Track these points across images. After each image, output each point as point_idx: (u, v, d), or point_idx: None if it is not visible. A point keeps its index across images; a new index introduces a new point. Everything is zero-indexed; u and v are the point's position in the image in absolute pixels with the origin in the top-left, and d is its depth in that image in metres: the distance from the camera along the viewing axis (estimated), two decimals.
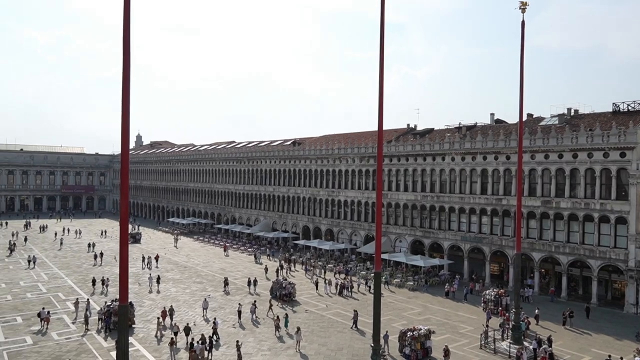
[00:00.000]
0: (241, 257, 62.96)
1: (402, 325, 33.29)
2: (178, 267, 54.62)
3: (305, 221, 68.79)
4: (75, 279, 47.25)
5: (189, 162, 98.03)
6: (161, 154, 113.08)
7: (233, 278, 49.31)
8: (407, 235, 54.99)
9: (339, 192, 63.59)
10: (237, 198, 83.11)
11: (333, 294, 43.54)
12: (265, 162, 76.77)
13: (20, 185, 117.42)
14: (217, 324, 31.44)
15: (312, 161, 68.01)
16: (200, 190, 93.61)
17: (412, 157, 54.97)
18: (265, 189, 76.47)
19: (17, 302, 38.84)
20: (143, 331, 32.26)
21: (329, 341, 30.91)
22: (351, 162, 62.17)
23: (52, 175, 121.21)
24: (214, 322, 31.78)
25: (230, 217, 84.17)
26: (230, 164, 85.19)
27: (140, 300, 39.59)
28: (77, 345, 29.44)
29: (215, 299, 41.11)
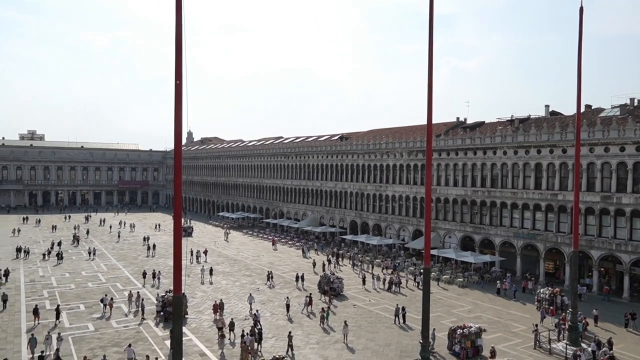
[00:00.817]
0: (289, 251, 63.71)
1: (452, 322, 32.70)
2: (228, 260, 55.94)
3: (352, 216, 68.72)
4: (132, 270, 49.30)
5: (238, 157, 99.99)
6: (211, 149, 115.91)
7: (281, 272, 50.00)
8: (456, 231, 53.88)
9: (387, 187, 63.07)
10: (285, 193, 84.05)
11: (381, 289, 43.33)
12: (313, 157, 77.17)
13: (81, 180, 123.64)
14: (259, 316, 32.17)
15: (359, 156, 67.78)
16: (249, 185, 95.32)
17: (462, 151, 53.72)
18: (313, 184, 76.91)
19: (80, 290, 41.00)
20: (195, 322, 33.28)
21: (376, 336, 30.80)
22: (399, 156, 61.47)
23: (110, 171, 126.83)
24: (255, 315, 32.58)
25: (279, 212, 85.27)
26: (278, 159, 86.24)
27: (193, 292, 40.83)
28: (135, 333, 30.76)
29: (264, 291, 41.85)
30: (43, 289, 41.31)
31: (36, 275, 46.45)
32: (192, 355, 27.24)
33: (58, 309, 33.15)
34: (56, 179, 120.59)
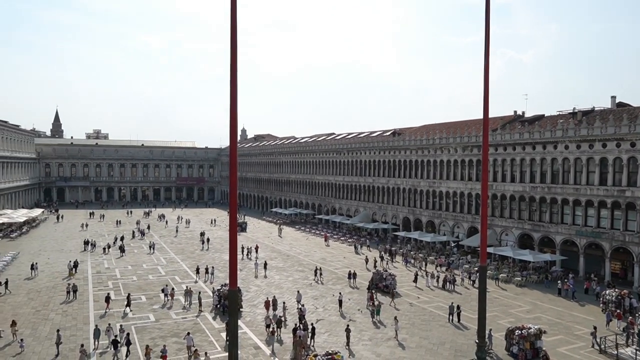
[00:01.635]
0: (341, 247, 63.81)
1: (509, 322, 31.68)
2: (281, 256, 56.75)
3: (405, 212, 67.89)
4: (189, 264, 51.01)
5: (290, 154, 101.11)
6: (264, 146, 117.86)
7: (333, 268, 50.18)
8: (514, 229, 52.05)
9: (441, 183, 61.81)
10: (337, 189, 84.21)
11: (435, 286, 42.60)
12: (365, 153, 76.82)
13: (142, 177, 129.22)
14: (304, 311, 32.65)
15: (412, 151, 66.80)
16: (301, 182, 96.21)
17: (520, 145, 51.76)
18: (365, 180, 76.59)
19: (141, 282, 42.89)
20: (250, 315, 34.02)
21: (430, 335, 30.33)
22: (453, 152, 60.08)
23: (168, 168, 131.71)
24: (300, 309, 32.93)
25: (331, 208, 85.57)
26: (330, 156, 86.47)
27: (247, 286, 41.73)
28: (192, 324, 31.84)
29: (317, 287, 42.16)
30: (108, 280, 43.56)
31: (102, 267, 49.03)
32: (247, 348, 27.86)
33: (129, 298, 35.46)
34: (119, 176, 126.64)
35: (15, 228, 71.58)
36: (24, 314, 33.36)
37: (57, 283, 42.16)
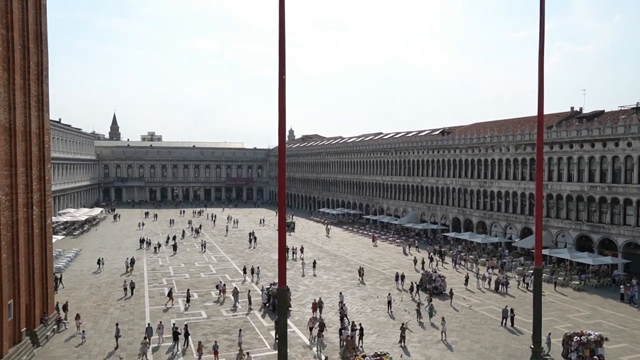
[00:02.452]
0: (389, 248, 63.24)
1: (567, 328, 30.36)
2: (329, 256, 56.87)
3: (455, 213, 66.44)
4: (239, 263, 52.01)
5: (337, 154, 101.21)
6: (312, 147, 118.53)
7: (381, 269, 49.81)
8: (571, 230, 49.83)
9: (492, 183, 60.06)
10: (385, 189, 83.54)
11: (486, 289, 41.44)
12: (413, 152, 75.78)
13: (193, 177, 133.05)
14: (345, 310, 32.64)
15: (462, 151, 65.30)
16: (348, 182, 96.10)
17: (578, 143, 49.50)
18: (413, 180, 75.55)
19: (194, 280, 44.14)
20: (298, 314, 34.28)
21: (482, 338, 29.52)
22: (505, 150, 58.23)
23: (218, 168, 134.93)
24: (341, 307, 32.95)
25: (378, 208, 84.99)
26: (377, 155, 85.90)
27: (296, 286, 42.08)
28: (242, 322, 32.45)
29: (365, 288, 41.97)
30: (162, 277, 45.11)
31: (156, 265, 50.84)
32: (296, 347, 28.09)
33: (188, 293, 37.15)
34: (172, 176, 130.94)
35: (78, 226, 75.42)
36: (86, 307, 35.09)
37: (116, 279, 44.07)
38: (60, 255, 52.38)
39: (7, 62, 26.43)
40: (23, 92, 28.64)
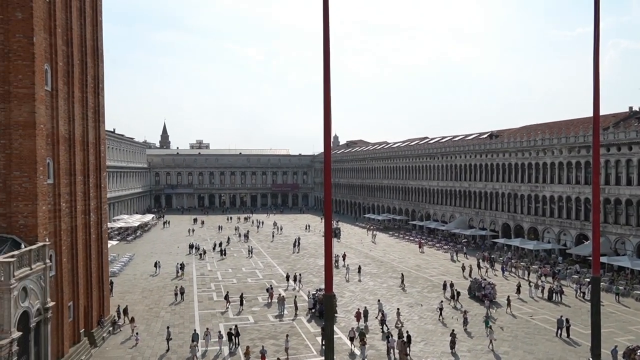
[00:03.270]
0: (436, 254, 62.07)
1: (629, 340, 28.77)
2: (375, 262, 56.42)
3: (504, 218, 64.47)
4: (285, 268, 52.41)
5: (382, 159, 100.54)
6: (356, 152, 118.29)
7: (428, 275, 48.95)
8: (631, 237, 47.26)
9: (544, 187, 57.91)
10: (431, 194, 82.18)
11: (539, 297, 39.90)
12: (460, 156, 74.23)
13: (240, 184, 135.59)
14: (385, 315, 32.45)
15: (511, 154, 63.37)
16: (394, 187, 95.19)
17: (638, 145, 47.00)
18: (461, 185, 73.95)
19: (241, 285, 44.83)
20: (345, 320, 34.15)
21: (535, 349, 28.40)
22: (557, 153, 56.05)
23: (264, 175, 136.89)
24: (382, 313, 32.74)
25: (425, 214, 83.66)
26: (423, 160, 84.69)
27: (341, 292, 41.96)
28: (289, 327, 32.65)
29: (411, 294, 41.34)
30: (210, 282, 46.10)
31: (205, 270, 52.02)
32: (342, 354, 27.98)
33: (242, 297, 38.21)
34: (219, 183, 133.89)
35: (131, 232, 78.34)
36: (139, 310, 36.31)
37: (167, 283, 45.40)
38: (115, 259, 54.51)
39: (67, 77, 27.90)
40: (81, 104, 30.13)
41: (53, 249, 25.16)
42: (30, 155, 23.06)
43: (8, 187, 22.90)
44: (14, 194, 22.86)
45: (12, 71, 22.90)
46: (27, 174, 22.98)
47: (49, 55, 25.33)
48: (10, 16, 22.91)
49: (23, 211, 22.92)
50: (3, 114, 22.91)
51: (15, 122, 22.93)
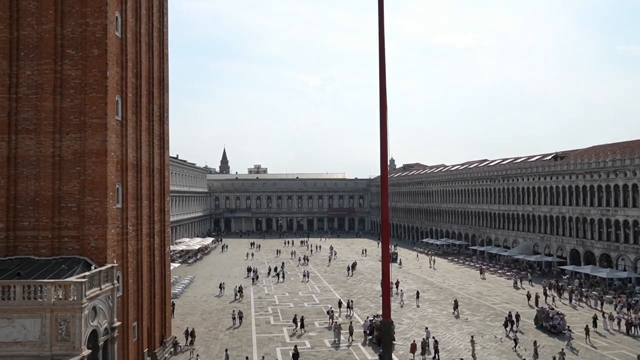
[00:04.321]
0: (499, 280, 59.51)
1: None
2: (434, 288, 54.84)
3: (573, 244, 61.00)
4: (342, 293, 51.95)
5: (440, 182, 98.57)
6: (413, 176, 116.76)
7: (491, 303, 46.93)
8: None
9: (617, 211, 54.43)
10: (492, 218, 79.35)
11: (615, 330, 37.14)
12: (522, 179, 71.46)
13: (297, 208, 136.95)
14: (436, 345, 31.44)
15: (578, 176, 60.27)
16: (452, 211, 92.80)
17: None
18: (524, 209, 70.97)
19: (297, 309, 44.79)
20: (403, 348, 33.22)
21: None
22: (631, 175, 52.71)
23: (320, 199, 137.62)
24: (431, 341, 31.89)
25: (486, 238, 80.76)
26: (483, 183, 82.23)
27: (399, 318, 40.96)
28: (345, 354, 32.17)
29: (473, 323, 39.70)
30: (268, 306, 46.42)
31: (262, 293, 52.51)
32: None
33: (302, 321, 38.37)
34: (276, 207, 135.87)
35: (192, 255, 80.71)
36: (199, 332, 37.06)
37: (225, 306, 46.17)
38: (176, 282, 56.18)
39: (135, 107, 29.59)
40: (148, 132, 31.77)
41: (120, 271, 26.32)
42: (101, 181, 24.46)
43: (82, 211, 24.35)
44: (86, 218, 24.25)
45: (88, 103, 24.59)
46: (98, 199, 24.35)
47: (119, 87, 27.03)
48: (87, 53, 24.73)
49: (94, 234, 24.23)
50: (79, 143, 24.55)
51: (89, 150, 24.48)
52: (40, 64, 24.75)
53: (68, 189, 24.54)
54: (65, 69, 24.81)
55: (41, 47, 24.78)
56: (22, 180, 24.57)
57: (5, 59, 24.67)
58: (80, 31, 24.89)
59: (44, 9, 24.79)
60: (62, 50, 24.84)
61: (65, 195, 24.53)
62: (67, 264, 23.12)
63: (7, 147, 24.50)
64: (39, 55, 24.80)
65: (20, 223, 24.41)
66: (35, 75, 24.80)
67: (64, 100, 24.73)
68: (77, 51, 24.88)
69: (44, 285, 20.20)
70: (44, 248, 24.22)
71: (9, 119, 24.59)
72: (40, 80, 24.70)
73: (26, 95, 24.80)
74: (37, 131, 24.62)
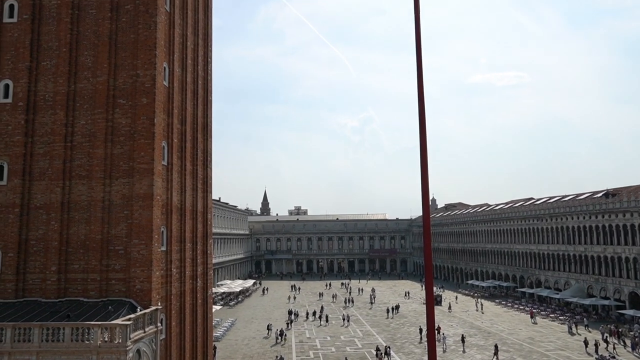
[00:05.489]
0: (551, 325, 56.39)
1: None
2: (482, 333, 52.48)
3: (632, 286, 57.45)
4: (385, 337, 50.43)
5: (484, 222, 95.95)
6: (456, 215, 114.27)
7: (544, 349, 44.36)
8: None
9: None
10: (541, 259, 76.07)
11: None
12: (572, 218, 68.64)
13: (337, 249, 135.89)
14: None
15: (633, 214, 57.39)
16: (498, 251, 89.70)
17: None
18: (575, 249, 67.80)
19: (339, 354, 43.68)
20: None
21: None
22: None
23: (361, 240, 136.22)
24: None
25: (535, 280, 77.24)
26: (530, 222, 79.44)
27: None
28: None
29: None
30: (309, 350, 45.52)
31: (303, 337, 51.65)
32: None
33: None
34: (317, 249, 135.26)
35: (233, 297, 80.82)
36: None
37: (266, 350, 45.59)
38: (218, 324, 56.13)
39: (180, 152, 30.66)
40: (192, 176, 32.71)
41: (164, 313, 26.61)
42: (147, 224, 25.18)
43: (128, 253, 25.03)
44: (132, 260, 24.88)
45: (136, 149, 25.70)
46: (144, 242, 25.01)
47: (166, 133, 28.17)
48: (137, 102, 26.08)
49: (140, 276, 24.75)
50: (127, 188, 25.53)
51: (137, 194, 25.38)
52: (93, 113, 26.23)
53: (116, 232, 25.37)
54: (116, 118, 26.16)
55: (95, 98, 26.32)
56: (74, 224, 25.61)
57: (62, 110, 26.29)
58: (131, 82, 26.36)
59: (99, 62, 26.49)
60: (114, 100, 26.29)
61: (114, 239, 25.34)
62: (114, 306, 23.61)
63: (61, 192, 25.74)
64: (93, 105, 26.32)
65: (71, 266, 25.28)
66: (89, 124, 26.25)
67: (114, 147, 25.94)
68: (128, 100, 26.27)
69: (91, 327, 20.64)
70: (93, 290, 24.88)
71: (64, 165, 25.94)
72: (93, 129, 26.10)
73: (80, 143, 26.20)
74: (89, 177, 25.81)
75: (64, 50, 26.66)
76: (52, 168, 25.91)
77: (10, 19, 27.11)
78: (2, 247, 25.40)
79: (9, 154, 26.09)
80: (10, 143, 26.17)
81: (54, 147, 26.06)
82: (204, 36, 36.04)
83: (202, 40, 35.34)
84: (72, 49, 26.74)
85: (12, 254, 25.26)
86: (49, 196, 25.68)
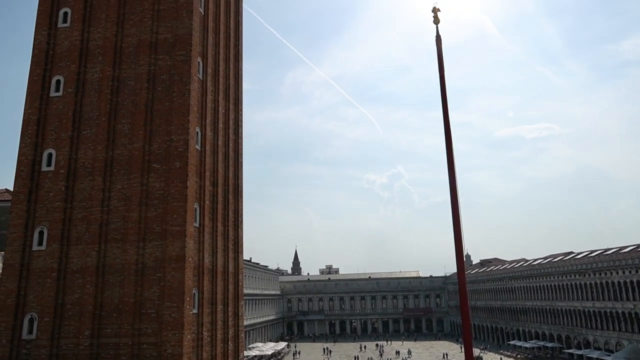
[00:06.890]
0: None
1: None
2: None
3: None
4: None
5: (522, 278, 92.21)
6: (492, 271, 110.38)
7: None
8: None
9: None
10: (587, 317, 71.92)
11: None
12: (617, 272, 65.34)
13: (370, 309, 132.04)
14: None
15: None
16: (539, 309, 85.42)
17: None
18: (623, 306, 64.02)
19: None
20: None
21: None
22: None
23: (395, 299, 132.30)
24: None
25: (582, 340, 72.70)
26: (571, 278, 75.91)
27: None
28: None
29: None
30: None
31: None
32: None
33: None
34: (349, 309, 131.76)
35: None
36: None
37: None
38: None
39: (212, 213, 31.08)
40: (223, 237, 32.92)
41: None
42: (179, 286, 25.19)
43: (160, 317, 24.91)
44: (164, 324, 24.71)
45: (169, 212, 26.21)
46: (176, 305, 24.92)
47: (198, 195, 28.73)
48: (170, 165, 26.90)
49: (171, 340, 24.47)
50: (160, 250, 25.82)
51: (169, 257, 25.60)
52: (129, 178, 27.11)
53: (149, 295, 25.42)
54: (150, 182, 26.94)
55: (131, 163, 27.30)
56: (108, 288, 25.85)
57: (100, 175, 27.30)
58: (165, 147, 27.32)
59: (135, 129, 27.69)
60: (149, 165, 27.19)
61: (146, 302, 25.36)
62: None
63: (97, 256, 26.22)
64: (129, 170, 27.26)
65: (104, 330, 25.27)
66: (124, 188, 27.08)
67: (149, 210, 26.54)
68: (162, 164, 27.12)
69: None
70: (124, 355, 24.66)
71: (100, 229, 26.58)
72: (128, 193, 26.89)
73: (116, 207, 26.94)
74: (124, 240, 26.30)
75: (103, 119, 28.07)
76: (89, 232, 26.58)
77: (56, 93, 28.91)
78: (38, 312, 25.72)
79: (49, 219, 26.98)
80: (50, 209, 27.13)
81: (91, 211, 26.85)
82: (235, 100, 37.41)
83: (232, 105, 36.66)
84: (110, 118, 28.14)
85: (47, 318, 25.50)
86: (85, 260, 26.17)
